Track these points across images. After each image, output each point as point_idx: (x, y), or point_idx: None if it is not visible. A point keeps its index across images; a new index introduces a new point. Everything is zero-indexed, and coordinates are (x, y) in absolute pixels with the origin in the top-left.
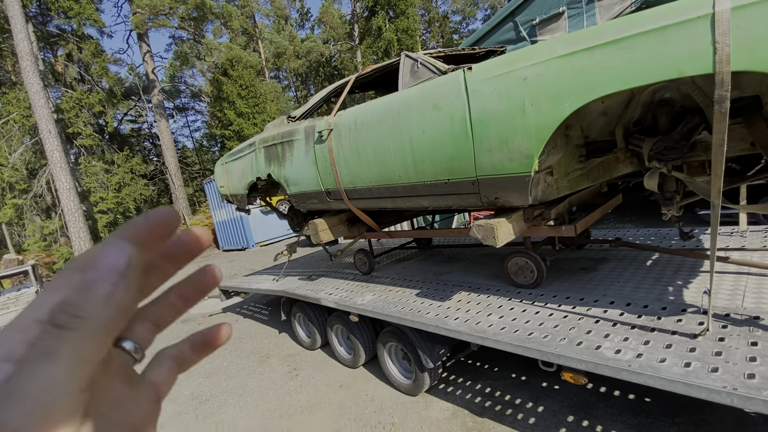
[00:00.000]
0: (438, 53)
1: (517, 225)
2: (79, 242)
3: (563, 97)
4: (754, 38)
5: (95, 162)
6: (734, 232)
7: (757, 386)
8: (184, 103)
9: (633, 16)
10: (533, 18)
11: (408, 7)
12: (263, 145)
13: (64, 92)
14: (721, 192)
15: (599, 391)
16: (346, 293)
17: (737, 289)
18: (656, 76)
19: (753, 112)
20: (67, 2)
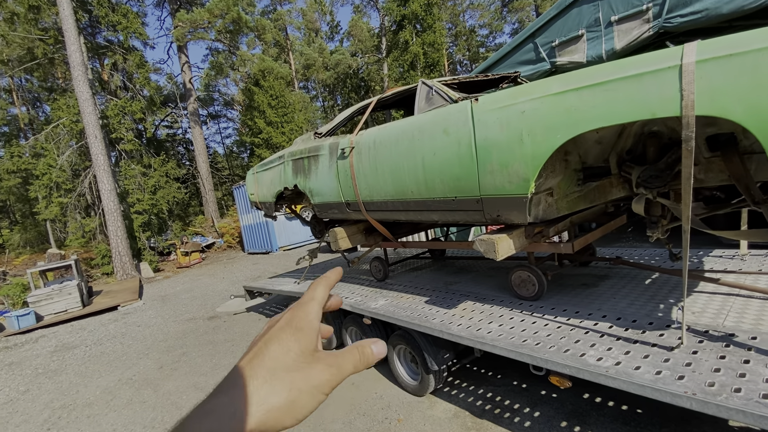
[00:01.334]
0: (453, 80)
1: (518, 241)
2: (116, 240)
3: (555, 129)
4: (713, 88)
5: (134, 165)
6: (735, 255)
7: (714, 393)
8: (217, 110)
9: (616, 63)
10: (553, 40)
11: (435, 22)
12: (291, 158)
13: (109, 99)
14: (690, 219)
15: (594, 400)
16: (361, 297)
17: (723, 309)
18: (633, 116)
19: (729, 147)
20: (116, 17)
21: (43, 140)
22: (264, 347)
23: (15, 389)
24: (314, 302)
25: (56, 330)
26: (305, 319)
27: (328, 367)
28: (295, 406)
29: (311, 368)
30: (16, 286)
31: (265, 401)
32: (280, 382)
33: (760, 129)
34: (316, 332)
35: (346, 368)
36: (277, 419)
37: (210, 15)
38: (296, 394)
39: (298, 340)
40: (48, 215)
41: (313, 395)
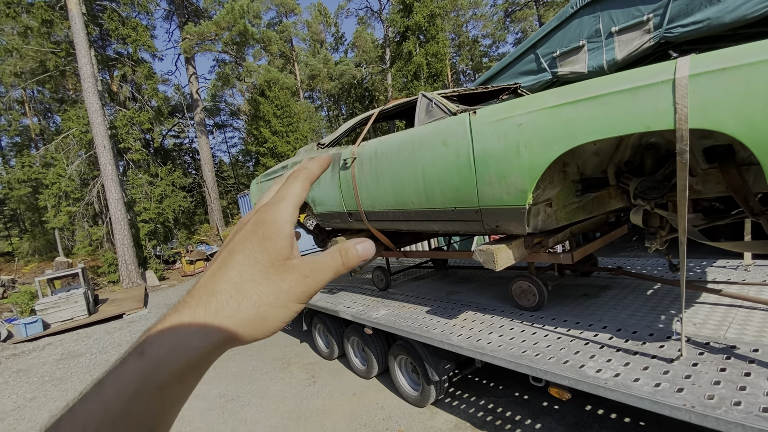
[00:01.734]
0: (452, 93)
1: (517, 251)
2: (122, 249)
3: (552, 142)
4: (707, 101)
5: (141, 174)
6: (739, 266)
7: (713, 406)
8: (223, 120)
9: (611, 76)
10: (554, 50)
11: (438, 32)
12: (295, 168)
13: (117, 110)
14: (687, 230)
15: (597, 412)
16: (363, 307)
17: (725, 320)
18: (628, 129)
19: (727, 159)
20: (126, 30)
21: (53, 150)
22: (229, 258)
23: (22, 396)
24: (286, 202)
25: (62, 338)
26: (273, 225)
27: (303, 278)
28: (265, 320)
29: (282, 280)
30: (25, 294)
31: (231, 317)
32: (247, 298)
33: (754, 141)
34: (287, 238)
35: (324, 276)
36: (246, 334)
37: (217, 27)
38: (266, 309)
39: (265, 250)
40: (56, 224)
41: (286, 307)
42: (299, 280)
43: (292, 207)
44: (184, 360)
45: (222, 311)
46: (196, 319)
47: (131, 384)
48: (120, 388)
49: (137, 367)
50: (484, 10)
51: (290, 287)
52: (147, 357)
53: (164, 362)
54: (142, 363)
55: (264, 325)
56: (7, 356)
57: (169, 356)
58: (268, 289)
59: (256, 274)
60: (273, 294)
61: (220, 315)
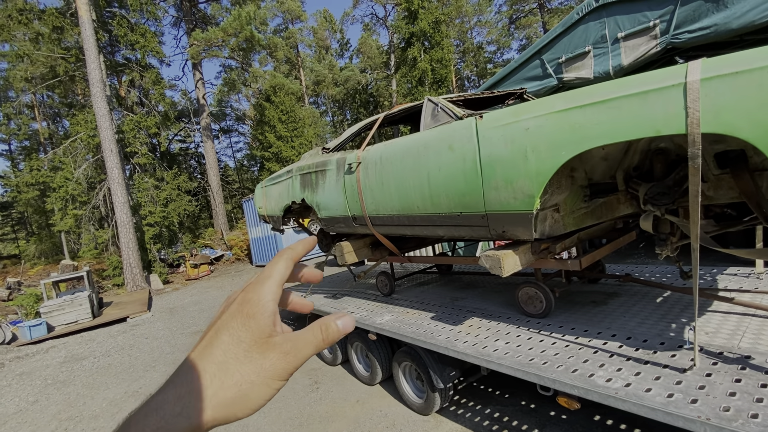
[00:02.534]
0: (458, 98)
1: (524, 257)
2: (127, 252)
3: (560, 146)
4: (718, 105)
5: (147, 178)
6: (751, 274)
7: (729, 418)
8: (229, 125)
9: (620, 80)
10: (559, 56)
11: (443, 39)
12: (299, 172)
13: (125, 114)
14: (699, 236)
15: (606, 423)
16: (367, 312)
17: (738, 329)
18: (637, 134)
19: (739, 164)
20: (135, 36)
21: (61, 154)
22: (215, 337)
23: (25, 399)
24: (270, 281)
25: (66, 341)
26: (257, 304)
27: (284, 355)
28: (247, 398)
29: (264, 358)
30: (30, 297)
31: (214, 396)
32: (230, 377)
33: (766, 145)
34: (270, 316)
35: (304, 352)
36: (228, 413)
37: (224, 34)
38: (248, 387)
39: (248, 329)
40: (63, 227)
41: (267, 385)
42: (280, 358)
43: (275, 285)
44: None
45: (205, 391)
46: (180, 400)
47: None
48: None
49: None
50: (489, 17)
51: (271, 365)
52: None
53: None
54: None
55: (246, 404)
56: (10, 359)
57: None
58: (251, 368)
59: (240, 353)
60: (255, 372)
61: (203, 395)
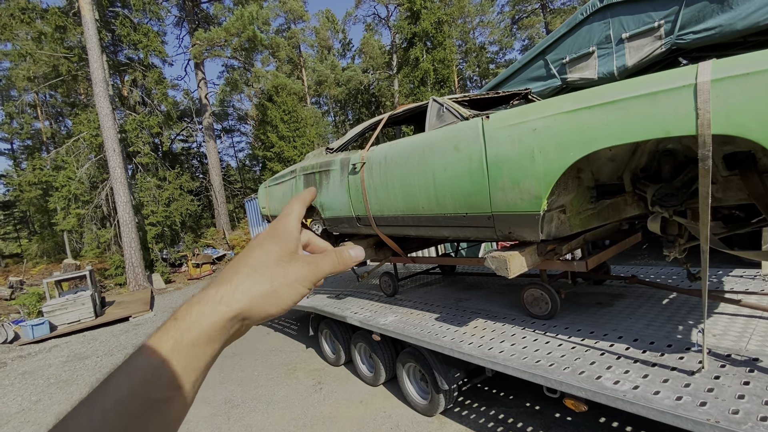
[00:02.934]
0: (463, 98)
1: (530, 258)
2: (130, 251)
3: (568, 147)
4: (729, 107)
5: (150, 178)
6: (757, 275)
7: (739, 421)
8: (231, 125)
9: (629, 81)
10: (563, 57)
11: (445, 39)
12: (303, 172)
13: (128, 114)
14: (709, 238)
15: (611, 425)
16: (371, 313)
17: (745, 331)
18: (647, 135)
19: (748, 165)
20: (138, 36)
21: (63, 153)
22: (248, 251)
23: (27, 399)
24: (292, 215)
25: (69, 340)
26: (284, 228)
27: (306, 264)
28: (277, 295)
29: (290, 265)
30: (33, 296)
31: (249, 290)
32: (261, 276)
33: None
34: (295, 239)
35: (323, 266)
36: (261, 306)
37: (226, 34)
38: (277, 285)
39: (277, 244)
40: (65, 226)
41: (293, 287)
42: (304, 266)
43: (296, 219)
44: (210, 322)
45: (241, 286)
46: (219, 292)
47: (169, 341)
48: (160, 345)
49: (173, 328)
50: (491, 17)
51: (296, 270)
52: (180, 320)
53: (194, 323)
54: (177, 324)
55: (276, 299)
56: (13, 358)
57: (198, 318)
58: (279, 271)
59: (270, 260)
60: (283, 275)
61: (239, 288)
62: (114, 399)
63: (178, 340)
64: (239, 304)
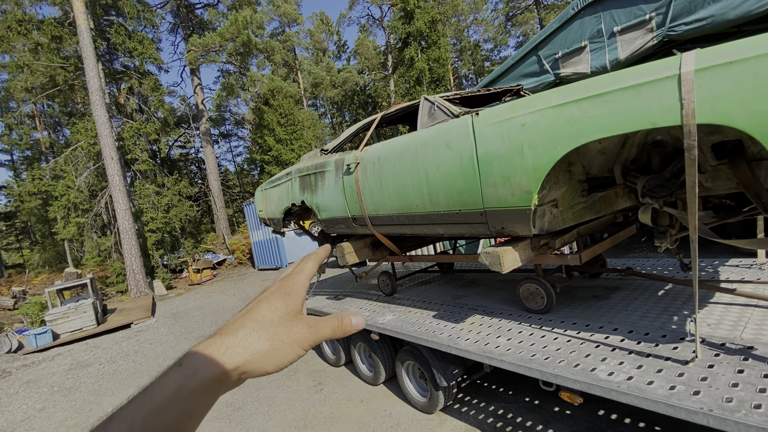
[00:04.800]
0: (454, 95)
1: (523, 253)
2: (130, 258)
3: (556, 141)
4: (713, 96)
5: (148, 185)
6: (753, 264)
7: (732, 409)
8: (228, 129)
9: (615, 74)
10: (556, 52)
11: (440, 38)
12: (298, 174)
13: (125, 122)
14: (697, 228)
15: (610, 417)
16: (369, 313)
17: (740, 320)
18: (634, 126)
19: (736, 154)
20: (133, 44)
21: (62, 163)
22: (255, 306)
23: (32, 407)
24: (302, 275)
25: (72, 348)
26: (293, 287)
27: (308, 327)
28: (277, 354)
29: (293, 325)
30: (35, 305)
31: (251, 346)
32: (265, 333)
33: (765, 135)
34: (301, 299)
35: (324, 331)
36: (259, 362)
37: (221, 39)
38: (278, 344)
39: (285, 302)
40: (66, 235)
41: (292, 348)
42: (305, 328)
43: (306, 279)
44: (211, 373)
45: (245, 340)
46: (225, 343)
47: (172, 386)
48: (164, 390)
49: (177, 375)
50: (485, 15)
51: (298, 331)
52: (185, 367)
53: (197, 371)
54: (181, 371)
55: (276, 357)
56: (17, 367)
57: (201, 367)
58: (283, 330)
59: (275, 318)
60: (285, 333)
61: (243, 343)
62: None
63: (180, 386)
64: (241, 357)
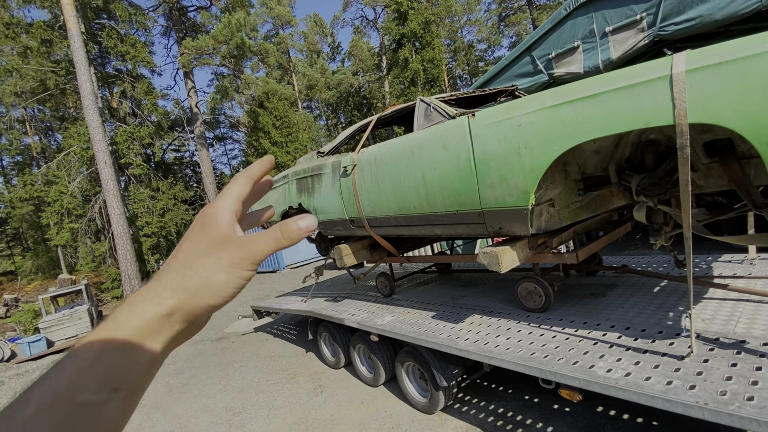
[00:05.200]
0: (450, 97)
1: (521, 252)
2: (125, 264)
3: (552, 141)
4: (704, 96)
5: (143, 189)
6: (745, 260)
7: (726, 402)
8: (223, 133)
9: (608, 75)
10: (549, 52)
11: (434, 39)
12: (295, 177)
13: (118, 126)
14: (691, 225)
15: (609, 413)
16: (368, 314)
17: (733, 315)
18: (627, 126)
19: (727, 153)
20: (125, 47)
21: (54, 168)
22: (178, 248)
23: None
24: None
25: None
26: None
27: (240, 246)
28: (210, 284)
29: (222, 251)
30: (28, 313)
31: (179, 286)
32: (190, 269)
33: (753, 133)
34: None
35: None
36: (195, 299)
37: (215, 41)
38: (208, 274)
39: (206, 233)
40: (59, 241)
41: (228, 272)
42: (237, 248)
43: (230, 199)
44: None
45: (171, 283)
46: (150, 291)
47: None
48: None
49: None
50: (479, 15)
51: (228, 254)
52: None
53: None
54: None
55: (210, 289)
56: (10, 376)
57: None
58: (210, 259)
59: (200, 251)
60: (214, 262)
61: (170, 285)
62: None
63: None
64: (171, 301)
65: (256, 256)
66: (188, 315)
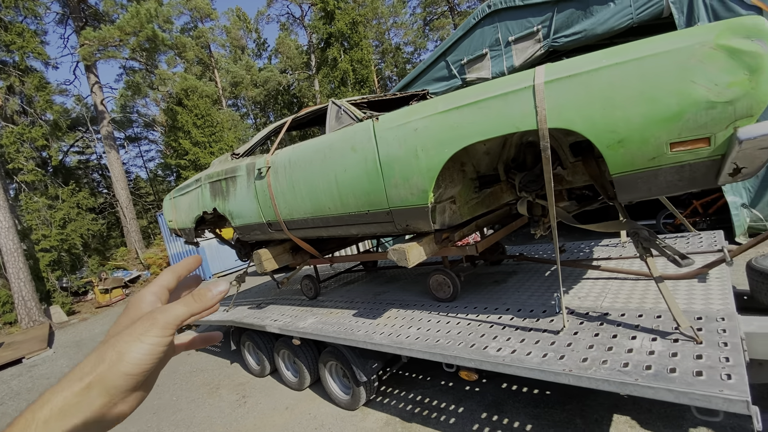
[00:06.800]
0: (362, 100)
1: (428, 247)
2: (18, 284)
3: (443, 144)
4: (559, 104)
5: (37, 198)
6: (618, 244)
7: (586, 367)
8: (137, 133)
9: (488, 84)
10: (462, 58)
11: (361, 39)
12: (209, 180)
13: (4, 126)
14: (556, 215)
15: (511, 389)
16: (291, 318)
17: (603, 291)
18: (503, 130)
19: (587, 152)
20: (10, 36)
21: None
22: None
23: None
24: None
25: None
26: (136, 299)
27: (151, 315)
28: (124, 355)
29: (136, 324)
30: None
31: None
32: (109, 344)
33: (595, 136)
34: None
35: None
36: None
37: (121, 33)
38: (123, 344)
39: (127, 314)
40: None
41: (139, 341)
42: (147, 318)
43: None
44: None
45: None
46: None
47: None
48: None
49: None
50: (405, 19)
51: (140, 325)
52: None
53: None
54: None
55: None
56: None
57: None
58: (125, 332)
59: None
60: (128, 334)
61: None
62: None
63: (29, 419)
64: (89, 376)
65: (167, 320)
66: (107, 386)
